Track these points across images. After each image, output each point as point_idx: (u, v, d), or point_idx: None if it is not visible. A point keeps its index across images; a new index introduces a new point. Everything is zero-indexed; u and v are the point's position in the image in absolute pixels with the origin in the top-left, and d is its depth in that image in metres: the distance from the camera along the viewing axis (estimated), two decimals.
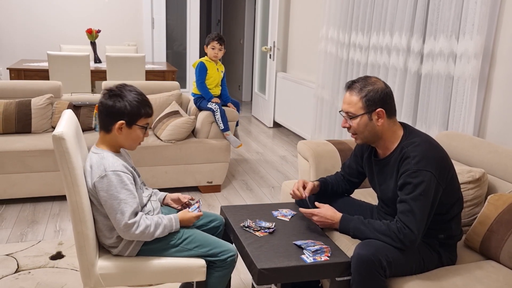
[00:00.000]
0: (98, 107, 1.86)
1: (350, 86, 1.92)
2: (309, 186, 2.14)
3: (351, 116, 1.91)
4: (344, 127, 1.96)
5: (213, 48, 3.91)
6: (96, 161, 1.81)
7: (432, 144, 1.89)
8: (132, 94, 1.83)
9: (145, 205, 1.92)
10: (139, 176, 1.98)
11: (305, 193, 2.11)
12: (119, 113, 1.81)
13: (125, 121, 1.82)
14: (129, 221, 1.76)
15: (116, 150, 1.90)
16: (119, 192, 1.76)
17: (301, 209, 2.07)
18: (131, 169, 1.87)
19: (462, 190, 2.19)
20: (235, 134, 4.07)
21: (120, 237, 1.86)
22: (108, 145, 1.87)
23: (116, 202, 1.75)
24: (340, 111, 1.97)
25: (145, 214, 1.87)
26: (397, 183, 1.86)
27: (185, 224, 1.96)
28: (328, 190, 2.23)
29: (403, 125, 1.97)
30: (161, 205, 2.13)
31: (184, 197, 2.12)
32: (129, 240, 1.86)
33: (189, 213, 1.98)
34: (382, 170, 1.98)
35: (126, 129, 1.84)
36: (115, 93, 1.82)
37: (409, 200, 1.78)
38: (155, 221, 1.85)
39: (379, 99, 1.86)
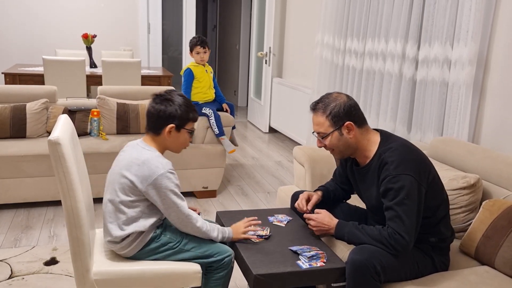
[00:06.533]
0: (148, 111, 1.92)
1: (314, 107, 1.96)
2: (313, 200, 2.15)
3: (322, 135, 1.94)
4: (319, 147, 1.99)
5: (197, 53, 3.97)
6: (151, 157, 1.86)
7: (408, 147, 1.90)
8: (181, 98, 1.91)
9: None
10: None
11: (308, 207, 2.13)
12: (170, 116, 1.88)
13: (175, 125, 1.89)
14: (190, 213, 1.88)
15: (162, 153, 1.95)
16: (176, 188, 1.86)
17: (305, 215, 2.08)
18: None
19: (456, 196, 2.20)
20: (232, 138, 4.07)
21: (130, 232, 1.86)
22: (157, 146, 1.93)
23: (176, 197, 1.85)
24: (312, 132, 2.00)
25: None
26: (379, 190, 1.87)
27: (236, 236, 2.00)
28: (330, 198, 2.24)
29: (380, 131, 1.98)
30: None
31: None
32: (135, 238, 1.87)
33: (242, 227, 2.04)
34: (364, 179, 2.00)
35: (175, 133, 1.91)
36: (165, 97, 1.90)
37: (394, 206, 1.79)
38: (207, 223, 1.95)
39: (344, 113, 1.89)
